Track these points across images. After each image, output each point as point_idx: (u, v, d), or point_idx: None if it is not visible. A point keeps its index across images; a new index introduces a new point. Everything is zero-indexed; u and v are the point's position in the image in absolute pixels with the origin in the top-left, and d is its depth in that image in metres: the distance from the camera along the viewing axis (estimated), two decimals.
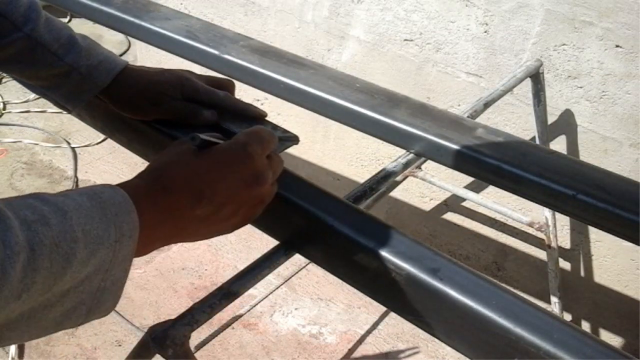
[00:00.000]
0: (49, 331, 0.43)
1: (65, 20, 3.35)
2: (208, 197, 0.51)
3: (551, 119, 1.46)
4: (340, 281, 0.62)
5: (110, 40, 3.23)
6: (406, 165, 0.84)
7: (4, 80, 2.76)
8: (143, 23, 0.90)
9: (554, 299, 1.61)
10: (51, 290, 0.40)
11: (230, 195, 0.52)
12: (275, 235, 0.67)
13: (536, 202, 0.66)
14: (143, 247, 0.48)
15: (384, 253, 0.55)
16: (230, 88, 0.75)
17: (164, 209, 0.49)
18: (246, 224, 0.57)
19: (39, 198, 0.42)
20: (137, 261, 0.95)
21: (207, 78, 0.74)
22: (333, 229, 0.59)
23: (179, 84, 0.70)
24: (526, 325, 0.48)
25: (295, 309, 1.81)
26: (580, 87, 1.40)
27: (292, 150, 0.73)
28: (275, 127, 0.72)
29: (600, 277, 1.61)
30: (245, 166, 0.53)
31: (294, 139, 0.71)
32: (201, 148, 0.53)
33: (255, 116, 0.73)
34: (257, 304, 1.71)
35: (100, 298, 0.45)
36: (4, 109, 2.55)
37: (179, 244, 1.95)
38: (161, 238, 0.50)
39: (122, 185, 0.48)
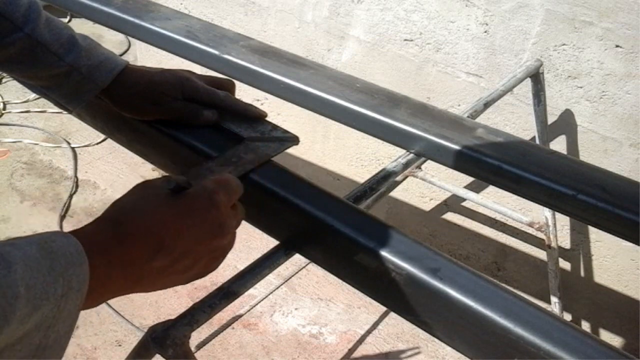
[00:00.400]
0: None
1: (66, 20, 3.35)
2: (167, 249, 0.48)
3: (551, 119, 1.46)
4: (341, 281, 0.62)
5: (110, 40, 3.23)
6: (406, 165, 0.84)
7: (4, 80, 2.76)
8: (143, 23, 0.90)
9: (554, 299, 1.61)
10: None
11: (191, 247, 0.50)
12: (276, 235, 0.67)
13: (536, 202, 0.66)
14: (91, 300, 0.45)
15: (384, 253, 0.55)
16: (231, 88, 0.75)
17: (119, 261, 0.46)
18: (204, 276, 0.54)
19: None
20: None
21: (207, 78, 0.74)
22: (333, 229, 0.59)
23: (179, 84, 0.70)
24: (526, 325, 0.48)
25: (295, 309, 1.81)
26: (580, 87, 1.40)
27: (292, 150, 0.73)
28: (275, 127, 0.72)
29: (600, 277, 1.61)
30: (210, 216, 0.51)
31: (293, 140, 0.71)
32: (174, 192, 0.51)
33: (255, 116, 0.73)
34: (257, 304, 1.71)
35: (40, 355, 0.41)
36: (4, 109, 2.55)
37: None
38: (113, 290, 0.47)
39: (78, 232, 0.45)
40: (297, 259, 0.69)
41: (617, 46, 1.30)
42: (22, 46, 0.66)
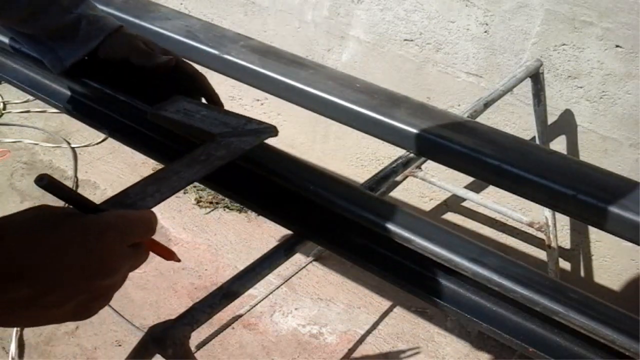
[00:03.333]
0: None
1: None
2: (28, 279, 0.41)
3: (551, 119, 1.46)
4: (341, 281, 0.63)
5: None
6: (406, 165, 0.84)
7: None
8: (143, 23, 0.90)
9: None
10: None
11: (60, 282, 0.43)
12: (288, 224, 0.68)
13: (536, 202, 0.66)
14: None
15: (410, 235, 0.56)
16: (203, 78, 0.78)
17: None
18: (85, 318, 0.47)
19: None
20: None
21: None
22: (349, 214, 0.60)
23: (163, 48, 0.76)
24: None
25: (295, 309, 1.81)
26: (580, 87, 1.40)
27: (292, 150, 0.73)
28: (250, 120, 0.71)
29: (600, 277, 1.61)
30: (94, 252, 0.44)
31: (270, 130, 0.69)
32: (54, 193, 0.45)
33: (216, 103, 0.78)
34: (257, 304, 1.71)
35: None
36: (4, 109, 2.55)
37: (180, 245, 1.95)
38: None
39: None
40: (297, 259, 0.69)
41: (617, 46, 1.30)
42: (35, 2, 0.72)
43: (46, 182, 0.43)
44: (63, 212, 0.45)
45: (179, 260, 0.55)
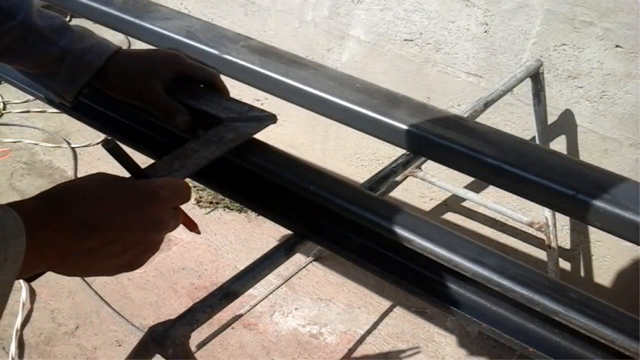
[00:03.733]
0: None
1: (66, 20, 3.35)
2: (100, 231, 0.48)
3: (551, 119, 1.46)
4: (341, 281, 0.63)
5: (110, 40, 3.23)
6: (406, 165, 0.84)
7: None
8: (143, 23, 0.90)
9: None
10: None
11: (124, 234, 0.50)
12: (288, 224, 0.68)
13: (536, 202, 0.66)
14: (22, 271, 0.45)
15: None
16: (217, 77, 0.76)
17: (53, 237, 0.46)
18: (131, 270, 0.54)
19: None
20: None
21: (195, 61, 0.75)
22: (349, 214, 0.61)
23: (171, 63, 0.71)
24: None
25: (295, 309, 1.81)
26: (580, 87, 1.40)
27: (292, 150, 0.73)
28: (252, 107, 0.74)
29: (600, 277, 1.61)
30: (150, 210, 0.51)
31: (271, 118, 0.73)
32: (116, 157, 0.52)
33: (227, 97, 0.75)
34: (257, 304, 1.71)
35: None
36: (4, 109, 2.55)
37: (180, 245, 1.95)
38: (41, 265, 0.47)
39: (16, 205, 0.46)
40: (297, 259, 0.69)
41: (617, 46, 1.30)
42: (16, 34, 0.68)
43: (112, 145, 0.51)
44: (119, 177, 0.52)
45: (199, 233, 0.63)
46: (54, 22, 0.70)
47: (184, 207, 0.56)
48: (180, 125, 0.69)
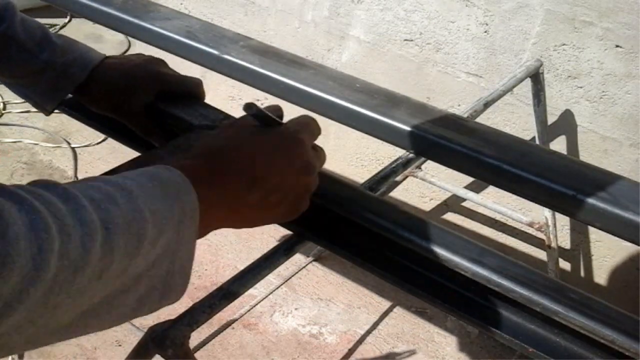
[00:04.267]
0: (125, 318, 0.44)
1: (66, 20, 3.35)
2: (260, 182, 0.50)
3: (551, 119, 1.46)
4: (341, 281, 0.63)
5: (110, 40, 3.23)
6: (406, 165, 0.84)
7: None
8: (143, 23, 0.90)
9: None
10: (126, 272, 0.40)
11: (280, 181, 0.52)
12: (288, 224, 0.68)
13: (536, 202, 0.65)
14: (200, 229, 0.47)
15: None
16: (199, 87, 0.76)
17: (219, 192, 0.48)
18: (295, 216, 0.56)
19: (99, 179, 0.42)
20: None
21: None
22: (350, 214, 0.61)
23: (151, 81, 0.70)
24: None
25: (295, 309, 1.81)
26: (580, 87, 1.40)
27: None
28: (227, 116, 0.72)
29: (600, 277, 1.61)
30: (297, 154, 0.54)
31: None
32: (261, 125, 0.55)
33: (205, 105, 0.74)
34: (257, 304, 1.71)
35: (170, 282, 0.44)
36: (4, 109, 2.55)
37: None
38: (215, 221, 0.49)
39: (175, 166, 0.47)
40: (297, 259, 0.69)
41: (617, 46, 1.30)
42: None
43: (255, 110, 0.53)
44: (256, 128, 0.55)
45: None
46: (37, 33, 0.69)
47: None
48: (155, 144, 0.71)
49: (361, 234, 0.65)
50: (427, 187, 1.78)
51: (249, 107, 0.52)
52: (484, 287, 0.58)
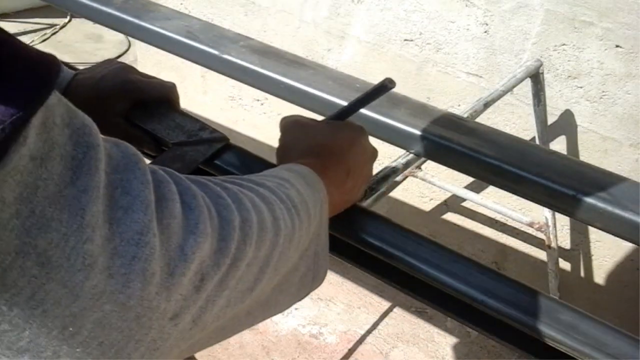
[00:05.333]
0: (289, 303, 0.47)
1: (66, 20, 3.35)
2: (352, 170, 0.56)
3: (551, 119, 1.46)
4: (341, 281, 0.64)
5: (110, 40, 3.23)
6: (406, 165, 0.84)
7: None
8: (143, 23, 0.90)
9: None
10: (298, 249, 0.45)
11: (363, 169, 0.59)
12: None
13: (536, 202, 0.66)
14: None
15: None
16: (173, 92, 0.74)
17: (331, 182, 0.53)
18: (356, 200, 0.61)
19: (256, 174, 0.47)
20: None
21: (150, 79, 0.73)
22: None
23: (124, 94, 0.68)
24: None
25: (295, 309, 1.81)
26: (580, 87, 1.40)
27: None
28: (203, 126, 0.70)
29: (600, 277, 1.61)
30: (367, 144, 0.60)
31: (222, 140, 0.69)
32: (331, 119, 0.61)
33: (180, 112, 0.73)
34: None
35: (318, 263, 0.49)
36: None
37: None
38: (332, 209, 0.53)
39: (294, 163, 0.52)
40: None
41: (617, 46, 1.30)
42: None
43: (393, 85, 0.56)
44: (331, 122, 0.61)
45: None
46: None
47: None
48: (148, 152, 0.70)
49: (361, 234, 0.65)
50: (427, 187, 1.78)
51: (390, 81, 0.55)
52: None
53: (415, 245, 0.60)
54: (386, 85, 0.55)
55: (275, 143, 0.74)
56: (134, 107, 0.69)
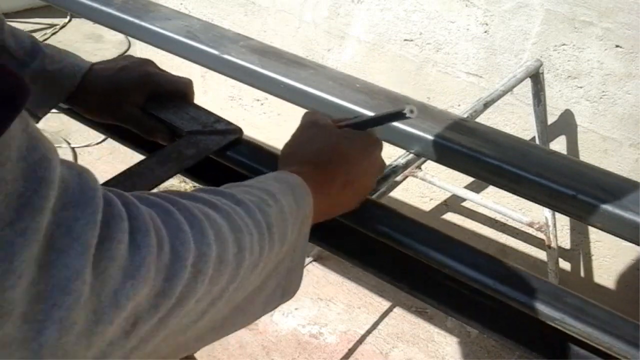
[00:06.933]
0: (253, 318, 0.46)
1: (66, 20, 3.35)
2: (351, 183, 0.55)
3: (551, 119, 1.46)
4: (341, 281, 0.64)
5: (110, 40, 3.23)
6: (406, 165, 0.84)
7: None
8: (143, 23, 0.90)
9: None
10: (265, 269, 0.43)
11: (364, 181, 0.57)
12: None
13: (536, 202, 0.66)
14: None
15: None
16: (189, 87, 0.75)
17: (324, 193, 0.52)
18: (353, 207, 0.60)
19: (244, 185, 0.46)
20: None
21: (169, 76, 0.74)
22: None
23: (141, 84, 0.70)
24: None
25: (295, 309, 1.81)
26: (580, 87, 1.40)
27: None
28: (218, 119, 0.72)
29: (600, 277, 1.61)
30: (377, 157, 0.59)
31: (236, 132, 0.71)
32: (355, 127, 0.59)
33: (196, 106, 0.74)
34: None
35: (290, 279, 0.47)
36: None
37: None
38: (316, 218, 0.52)
39: (286, 171, 0.51)
40: None
41: (617, 46, 1.30)
42: None
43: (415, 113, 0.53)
44: (349, 130, 0.58)
45: None
46: (26, 42, 0.68)
47: None
48: (161, 142, 0.70)
49: (360, 235, 0.65)
50: (427, 187, 1.78)
51: (410, 110, 0.52)
52: (482, 291, 0.58)
53: (429, 236, 0.61)
54: (404, 114, 0.53)
55: (275, 143, 0.74)
56: (150, 99, 0.71)
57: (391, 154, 2.00)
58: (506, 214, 1.50)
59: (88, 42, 3.22)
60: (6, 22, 0.68)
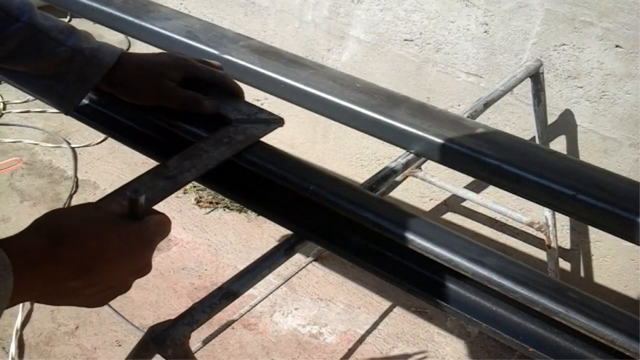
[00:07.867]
0: None
1: (66, 20, 3.35)
2: (92, 276, 0.48)
3: (551, 119, 1.46)
4: (341, 281, 0.64)
5: (110, 40, 3.21)
6: (406, 165, 0.84)
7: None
8: (143, 23, 0.91)
9: None
10: None
11: (111, 280, 0.50)
12: (288, 224, 0.68)
13: (536, 202, 0.66)
14: (9, 304, 0.45)
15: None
16: (227, 78, 0.76)
17: (42, 278, 0.46)
18: (101, 305, 0.54)
19: None
20: None
21: (200, 60, 0.75)
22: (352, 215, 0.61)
23: (178, 65, 0.71)
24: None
25: (295, 309, 1.81)
26: (580, 87, 1.40)
27: (292, 150, 0.73)
28: (260, 109, 0.75)
29: (600, 277, 1.61)
30: (143, 256, 0.52)
31: (279, 121, 0.75)
32: (128, 216, 0.51)
33: (236, 98, 0.75)
34: (257, 304, 1.71)
35: None
36: (4, 109, 2.55)
37: (179, 245, 1.95)
38: (25, 299, 0.47)
39: (12, 244, 0.45)
40: (297, 259, 0.70)
41: (617, 46, 1.30)
42: (22, 36, 0.66)
43: (134, 200, 0.49)
44: (118, 219, 0.50)
45: None
46: (59, 23, 0.69)
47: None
48: (210, 108, 0.70)
49: (361, 234, 0.65)
50: (427, 187, 1.78)
51: (134, 193, 0.50)
52: (484, 286, 0.58)
53: (445, 236, 0.61)
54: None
55: (275, 143, 0.74)
56: (187, 86, 0.71)
57: (391, 154, 2.01)
58: (506, 214, 1.50)
59: None
60: (35, 7, 0.69)
